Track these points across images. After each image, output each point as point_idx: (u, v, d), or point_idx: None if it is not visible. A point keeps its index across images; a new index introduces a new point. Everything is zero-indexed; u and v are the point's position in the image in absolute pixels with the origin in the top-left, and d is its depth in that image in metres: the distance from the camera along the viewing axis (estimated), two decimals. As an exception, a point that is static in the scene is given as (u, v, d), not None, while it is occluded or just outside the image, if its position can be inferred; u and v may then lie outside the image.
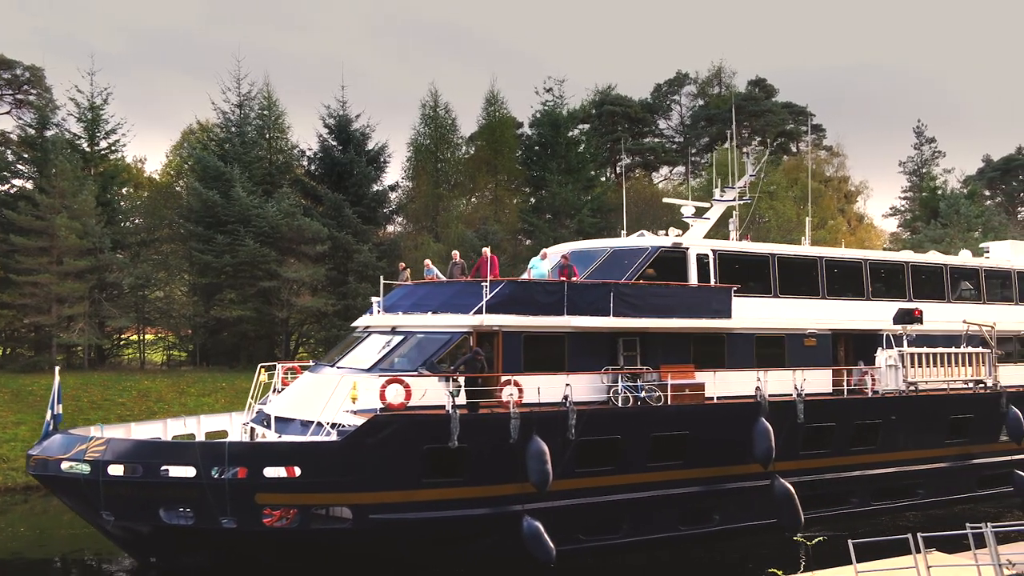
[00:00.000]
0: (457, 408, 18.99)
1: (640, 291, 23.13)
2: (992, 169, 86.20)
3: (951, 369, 27.06)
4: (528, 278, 23.44)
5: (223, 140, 48.63)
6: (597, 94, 73.44)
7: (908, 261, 29.89)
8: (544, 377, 21.07)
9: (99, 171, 47.05)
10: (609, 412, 21.55)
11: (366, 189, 49.75)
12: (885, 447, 25.98)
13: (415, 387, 19.48)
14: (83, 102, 46.43)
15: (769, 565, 21.89)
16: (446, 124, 57.56)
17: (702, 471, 22.78)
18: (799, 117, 76.96)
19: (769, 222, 57.34)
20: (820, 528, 23.85)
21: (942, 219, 62.78)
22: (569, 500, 20.88)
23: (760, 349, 25.31)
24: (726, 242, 27.13)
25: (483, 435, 19.65)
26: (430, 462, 19.28)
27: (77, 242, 40.71)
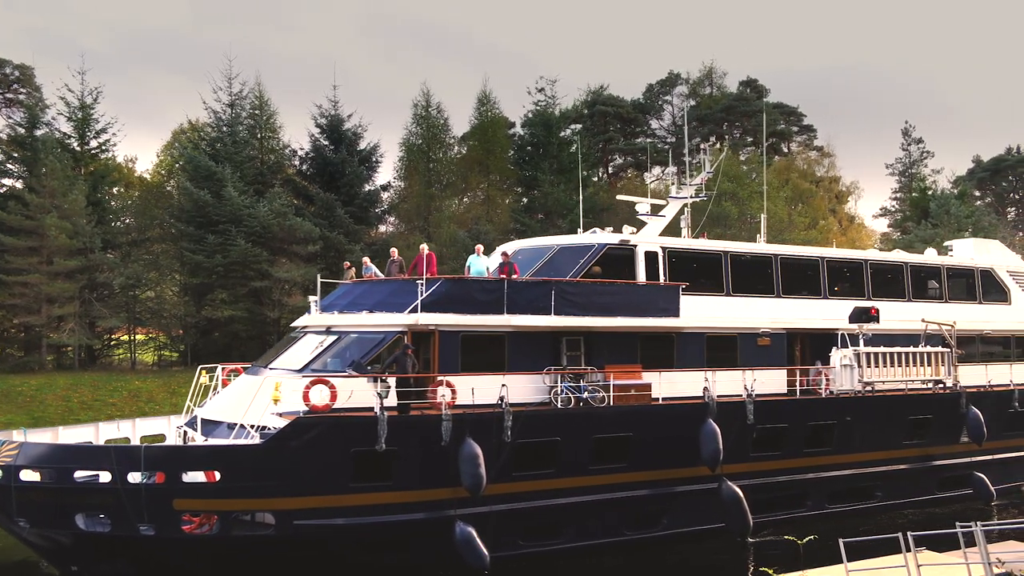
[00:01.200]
0: (386, 410, 18.34)
1: (583, 289, 22.50)
2: (982, 169, 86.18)
3: (909, 369, 26.37)
4: (468, 276, 22.78)
5: (214, 140, 48.33)
6: (589, 94, 73.38)
7: (867, 259, 29.26)
8: (479, 377, 20.30)
9: (89, 171, 46.83)
10: (547, 413, 20.95)
11: (358, 189, 49.49)
12: (840, 449, 25.32)
13: (341, 388, 18.70)
14: (73, 101, 46.33)
15: (713, 571, 21.87)
16: (438, 124, 57.34)
17: (648, 474, 22.14)
18: (790, 117, 77.23)
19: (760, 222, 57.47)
20: (772, 532, 23.32)
21: (932, 219, 62.74)
22: (506, 504, 20.17)
23: (711, 349, 24.66)
24: (676, 239, 26.43)
25: (413, 438, 19.01)
26: (357, 466, 18.58)
27: (67, 242, 40.53)
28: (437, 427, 18.89)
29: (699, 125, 75.25)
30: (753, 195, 58.74)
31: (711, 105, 74.19)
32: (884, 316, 27.45)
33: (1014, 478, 29.61)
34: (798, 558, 21.48)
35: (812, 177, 69.37)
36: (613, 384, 21.79)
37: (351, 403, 18.60)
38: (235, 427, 18.77)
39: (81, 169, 45.98)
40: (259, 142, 50.65)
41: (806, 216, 61.48)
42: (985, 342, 30.91)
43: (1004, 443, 28.92)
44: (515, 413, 19.82)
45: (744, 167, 63.65)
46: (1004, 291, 32.39)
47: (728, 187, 57.96)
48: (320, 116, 49.91)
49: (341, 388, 18.68)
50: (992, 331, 31.01)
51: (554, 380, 21.51)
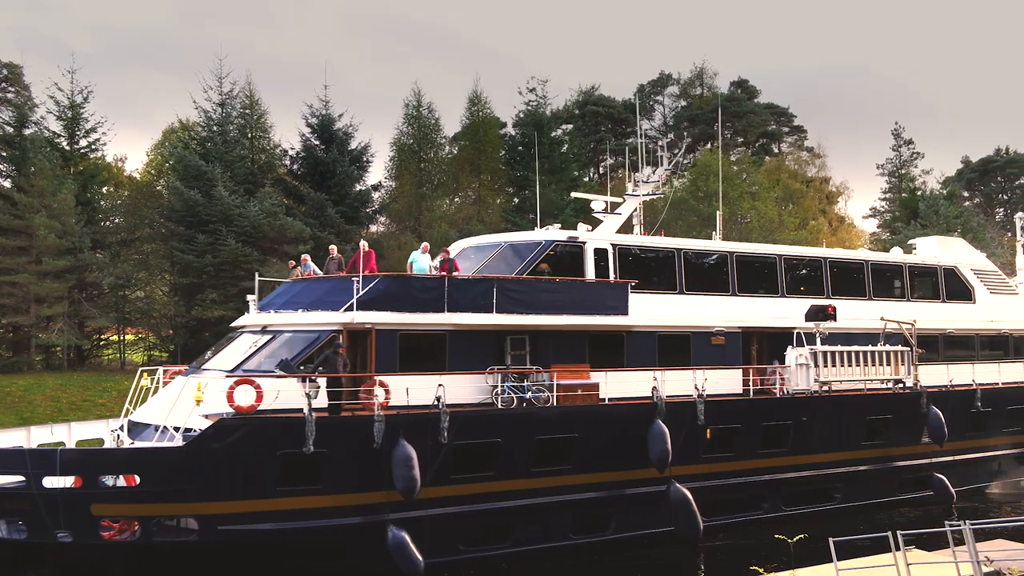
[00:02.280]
0: (314, 411, 17.72)
1: (527, 286, 21.85)
2: (971, 170, 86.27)
3: (868, 368, 25.71)
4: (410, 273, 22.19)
5: (205, 139, 48.14)
6: (580, 94, 73.58)
7: (826, 257, 28.60)
8: (415, 377, 19.62)
9: (79, 170, 46.69)
10: (486, 414, 20.28)
11: (349, 189, 49.31)
12: (797, 450, 24.70)
13: (267, 388, 17.96)
14: (63, 100, 46.15)
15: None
16: (429, 124, 57.30)
17: (594, 476, 21.48)
18: (781, 118, 77.53)
19: (751, 222, 57.74)
20: (724, 536, 22.84)
21: (922, 220, 62.96)
22: (443, 508, 19.50)
23: (663, 348, 24.01)
24: (628, 236, 25.77)
25: (344, 439, 18.34)
26: (284, 469, 17.82)
27: (56, 241, 40.35)
28: (369, 428, 18.17)
29: (690, 125, 75.55)
30: (743, 195, 59.00)
31: (702, 106, 74.48)
32: (844, 315, 26.87)
33: (976, 479, 29.09)
34: (748, 563, 21.14)
35: (802, 177, 69.62)
36: (559, 384, 21.22)
37: (280, 404, 17.93)
38: (160, 429, 18.15)
39: (70, 168, 45.82)
40: (249, 141, 50.33)
41: (796, 216, 61.68)
42: (948, 341, 30.29)
43: (966, 444, 28.40)
44: (452, 414, 19.12)
45: (735, 167, 63.90)
46: (968, 290, 31.83)
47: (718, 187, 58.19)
48: (311, 115, 49.70)
49: (267, 388, 17.95)
50: (955, 330, 30.44)
51: (498, 380, 20.92)
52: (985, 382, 29.10)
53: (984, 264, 33.31)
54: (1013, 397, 30.03)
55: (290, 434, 17.56)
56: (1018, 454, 30.42)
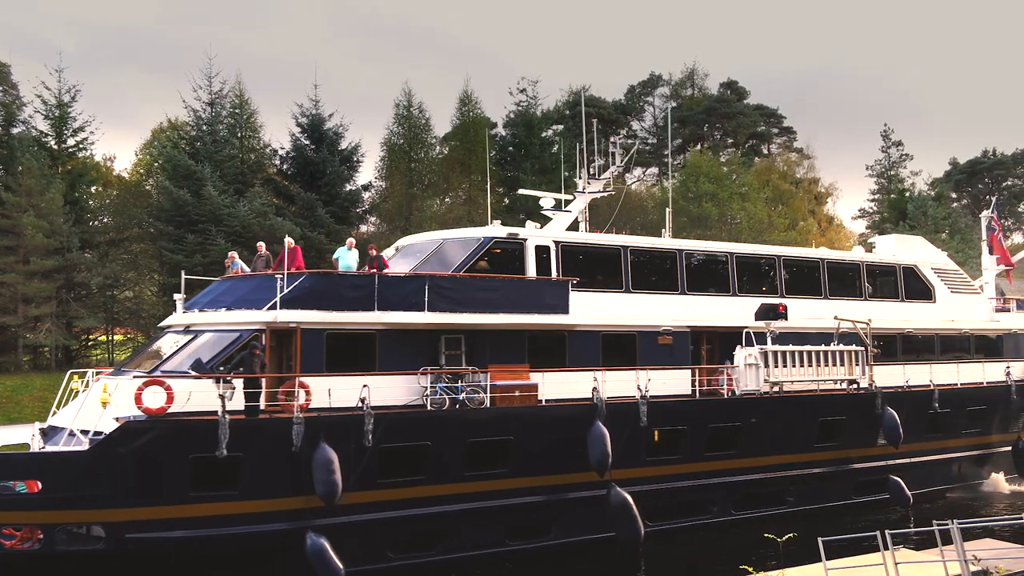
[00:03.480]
0: (228, 413, 16.99)
1: (461, 284, 21.07)
2: (959, 172, 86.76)
3: (820, 368, 24.99)
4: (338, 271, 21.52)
5: (194, 139, 47.81)
6: (571, 95, 73.67)
7: (780, 255, 27.90)
8: (338, 378, 18.81)
9: (67, 169, 46.38)
10: (415, 416, 19.53)
11: (339, 189, 49.04)
12: (746, 452, 23.96)
13: (179, 390, 17.10)
14: (50, 99, 45.85)
15: (693, 569, 21.04)
16: (420, 124, 57.16)
17: (531, 480, 20.75)
18: (770, 119, 77.77)
19: (741, 223, 57.92)
20: (669, 542, 22.18)
21: (910, 221, 63.19)
22: (368, 514, 18.72)
23: (607, 348, 23.28)
24: (572, 233, 25.03)
25: (260, 443, 17.52)
26: (196, 473, 17.03)
27: (44, 241, 40.10)
28: (287, 431, 17.43)
29: (680, 126, 75.70)
30: (733, 196, 59.18)
31: (692, 107, 74.66)
32: (798, 314, 26.29)
33: (933, 482, 28.32)
34: (691, 568, 20.96)
35: (792, 178, 69.82)
36: (497, 385, 20.53)
37: (194, 407, 17.20)
38: (68, 433, 17.44)
39: (58, 168, 45.50)
40: (239, 141, 50.03)
41: (786, 217, 61.88)
42: (907, 341, 29.63)
43: (922, 445, 27.74)
44: (377, 416, 18.43)
45: (724, 168, 64.09)
46: (928, 289, 31.23)
47: (709, 188, 58.40)
48: (301, 115, 49.33)
49: (178, 390, 17.13)
50: (914, 330, 29.80)
51: (432, 381, 20.22)
52: (943, 382, 28.43)
53: (945, 263, 32.76)
54: (973, 398, 29.35)
55: (202, 437, 16.80)
56: (980, 455, 29.92)
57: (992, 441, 30.23)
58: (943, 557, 15.71)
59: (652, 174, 78.20)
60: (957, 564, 15.22)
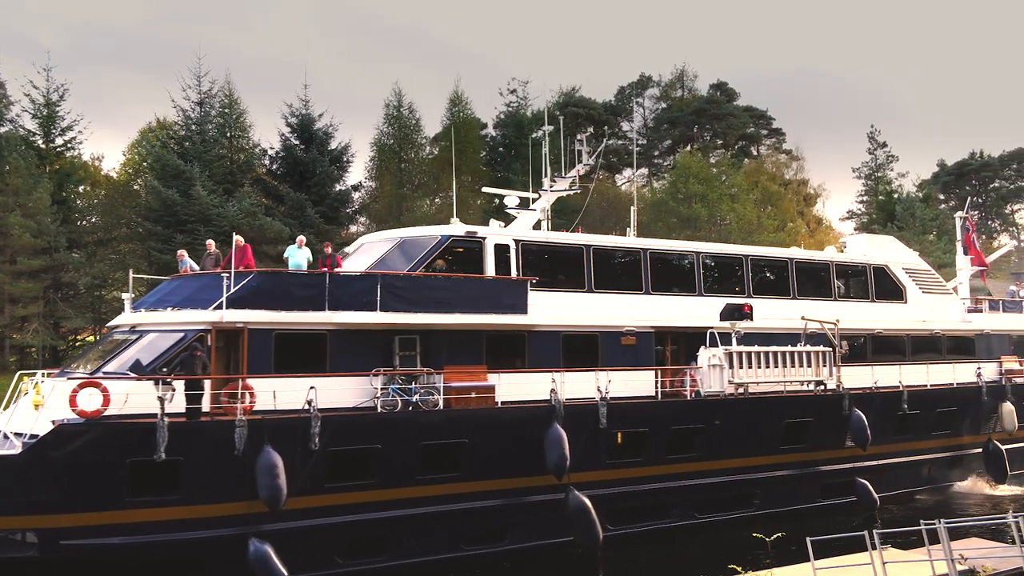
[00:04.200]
0: (168, 416, 16.44)
1: (415, 283, 20.46)
2: (946, 173, 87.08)
3: (786, 369, 24.42)
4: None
5: (183, 138, 47.59)
6: (561, 96, 73.69)
7: (747, 255, 27.34)
8: (285, 379, 18.26)
9: (54, 169, 46.16)
10: (364, 419, 18.97)
11: (329, 189, 48.82)
12: (709, 455, 23.40)
13: (116, 392, 16.47)
14: (38, 98, 45.61)
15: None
16: (410, 124, 57.03)
17: (486, 484, 20.14)
18: (759, 121, 78.00)
19: (730, 224, 58.06)
20: (630, 546, 21.73)
21: (898, 222, 63.50)
22: (315, 519, 18.12)
23: (568, 349, 22.75)
24: (533, 232, 24.47)
25: (201, 446, 16.96)
26: (134, 478, 16.41)
27: (31, 241, 39.87)
28: (229, 434, 16.81)
29: (670, 127, 75.85)
30: (723, 197, 59.31)
31: (682, 108, 74.83)
32: (766, 314, 25.76)
33: (901, 484, 27.82)
34: (650, 573, 20.56)
35: (781, 180, 70.08)
36: (452, 387, 20.00)
37: (134, 409, 16.66)
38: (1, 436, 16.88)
39: (46, 167, 45.27)
40: (228, 141, 49.79)
41: (775, 219, 62.09)
42: (876, 341, 29.11)
43: (890, 447, 27.21)
44: (324, 419, 17.81)
45: (714, 170, 64.23)
46: (899, 289, 30.75)
47: (698, 189, 58.52)
48: (291, 115, 49.07)
49: (116, 392, 16.67)
50: (884, 330, 29.27)
51: (385, 382, 19.65)
52: (913, 384, 27.90)
53: (916, 263, 32.33)
54: (943, 399, 28.85)
55: (140, 440, 16.28)
56: (950, 457, 29.50)
57: (963, 443, 29.79)
58: (930, 556, 15.74)
59: (642, 175, 78.35)
60: (944, 563, 15.29)
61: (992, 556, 16.73)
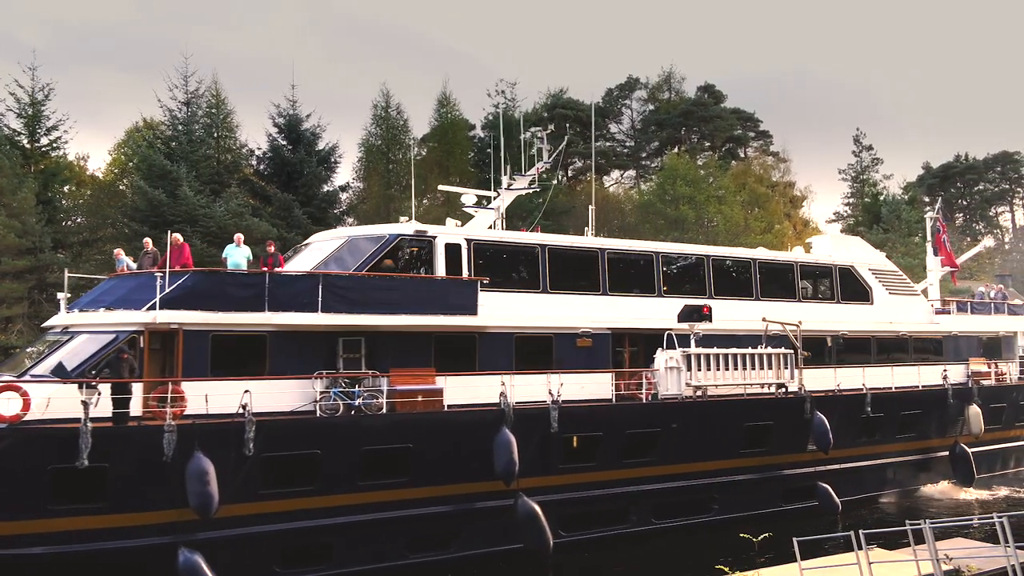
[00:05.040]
0: (93, 421, 15.83)
1: (358, 283, 19.90)
2: (931, 176, 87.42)
3: (747, 372, 23.93)
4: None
5: (170, 138, 47.10)
6: (549, 97, 73.84)
7: (708, 255, 26.82)
8: (217, 382, 17.58)
9: (39, 168, 45.76)
10: (301, 423, 18.36)
11: (316, 189, 48.34)
12: (666, 459, 22.81)
13: (38, 395, 15.95)
14: (23, 97, 45.24)
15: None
16: (398, 125, 56.88)
17: (432, 490, 19.54)
18: (747, 123, 78.30)
19: (717, 226, 58.25)
20: (584, 552, 21.19)
21: (884, 224, 63.92)
22: (250, 527, 17.48)
23: (521, 351, 22.21)
24: (486, 231, 23.90)
25: (128, 453, 16.36)
26: (57, 485, 15.84)
27: (16, 241, 39.48)
28: (158, 440, 16.20)
29: (658, 129, 76.05)
30: (710, 199, 59.51)
31: (670, 110, 75.06)
32: (728, 316, 25.29)
33: (865, 488, 27.31)
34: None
35: (768, 182, 70.39)
36: (399, 390, 19.44)
37: (58, 413, 16.11)
38: None
39: (31, 167, 44.80)
40: (215, 141, 49.33)
41: (762, 220, 62.39)
42: (841, 343, 28.68)
43: (853, 451, 26.74)
44: (259, 423, 17.15)
45: (702, 172, 64.44)
46: (865, 290, 30.37)
47: (685, 191, 58.69)
48: (278, 115, 48.63)
49: (36, 395, 16.06)
50: (849, 332, 28.89)
51: (327, 385, 19.10)
52: (877, 386, 27.43)
53: (883, 264, 31.92)
54: (908, 401, 28.35)
55: (62, 447, 15.66)
56: (916, 460, 29.04)
57: (929, 446, 29.34)
58: (915, 556, 15.84)
59: (630, 177, 78.52)
60: (929, 563, 15.40)
61: (977, 556, 16.87)
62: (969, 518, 19.62)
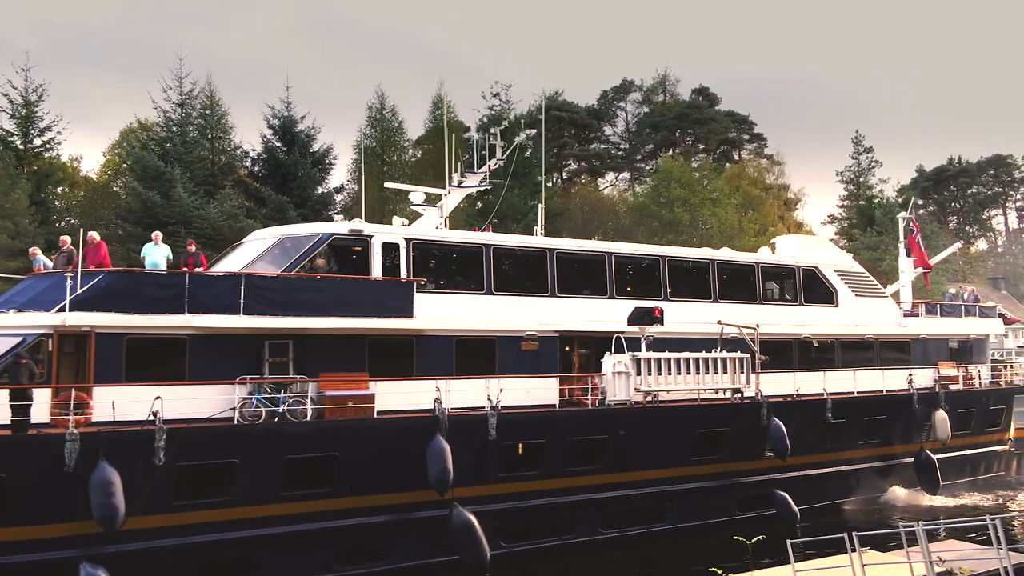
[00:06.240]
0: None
1: (284, 284, 18.94)
2: (925, 179, 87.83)
3: (700, 377, 23.00)
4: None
5: (164, 140, 46.71)
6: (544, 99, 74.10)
7: (664, 255, 25.79)
8: (126, 388, 16.74)
9: (33, 169, 45.63)
10: (219, 431, 17.45)
11: (311, 191, 47.97)
12: (614, 467, 21.92)
13: None
14: (16, 98, 45.11)
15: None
16: (392, 127, 56.74)
17: (362, 500, 18.66)
18: (741, 126, 78.48)
19: (712, 228, 58.39)
20: (527, 563, 20.40)
21: (877, 227, 64.17)
22: (161, 540, 16.57)
23: (461, 354, 21.26)
24: (427, 231, 22.93)
25: (25, 462, 15.50)
26: None
27: (9, 242, 39.27)
28: (59, 449, 15.30)
29: (652, 132, 76.21)
30: (704, 201, 59.65)
31: (664, 112, 75.25)
32: (684, 318, 24.42)
33: (826, 495, 26.28)
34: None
35: (762, 184, 70.59)
36: (328, 396, 18.60)
37: None
38: None
39: (24, 168, 44.67)
40: (210, 143, 48.90)
41: (756, 223, 62.55)
42: (804, 347, 27.64)
43: (813, 458, 25.76)
44: (171, 432, 16.28)
45: (696, 174, 64.59)
46: (830, 292, 29.40)
47: (680, 193, 58.83)
48: (272, 117, 48.25)
49: None
50: (812, 335, 27.88)
51: (251, 391, 18.20)
52: (839, 391, 26.52)
53: (850, 265, 30.94)
54: (871, 407, 27.39)
55: None
56: (880, 467, 28.10)
57: (894, 452, 28.43)
58: (908, 558, 15.83)
59: (625, 179, 78.62)
60: (923, 565, 15.45)
61: (970, 558, 16.91)
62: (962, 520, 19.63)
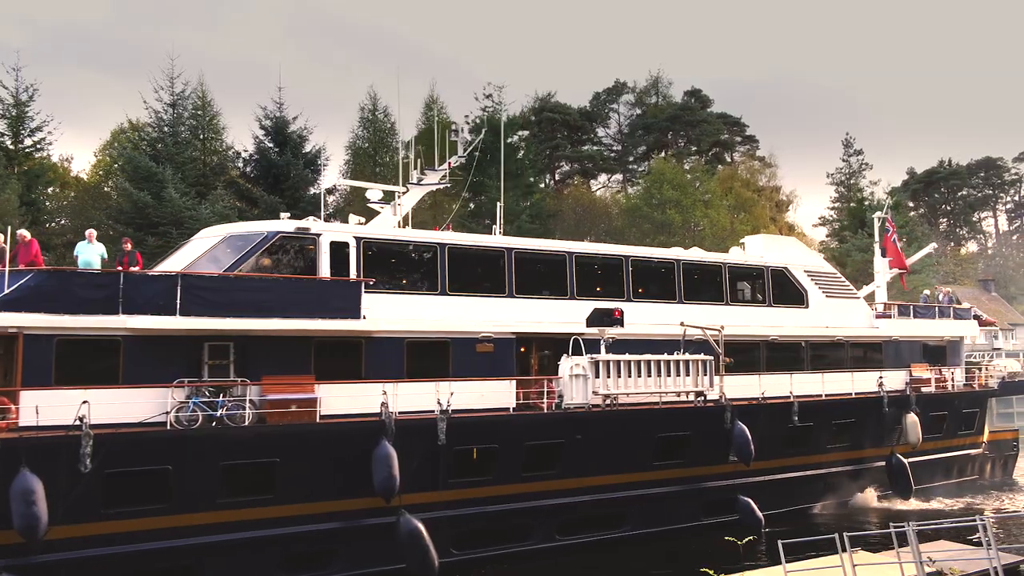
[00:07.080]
0: None
1: (223, 284, 18.30)
2: (916, 181, 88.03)
3: (661, 380, 22.40)
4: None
5: (155, 140, 46.42)
6: (536, 101, 74.05)
7: (627, 255, 25.10)
8: (52, 392, 16.23)
9: (23, 170, 45.44)
10: (150, 436, 16.78)
11: (303, 192, 47.56)
12: (571, 472, 21.28)
13: None
14: (7, 98, 44.94)
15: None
16: (385, 128, 56.71)
17: (304, 507, 18.01)
18: (733, 128, 78.72)
19: (704, 230, 58.55)
20: (479, 570, 19.83)
21: (868, 229, 64.84)
22: (88, 550, 15.85)
23: (413, 356, 20.58)
24: (379, 229, 22.36)
25: None
26: None
27: None
28: None
29: (645, 134, 76.39)
30: (696, 203, 59.81)
31: (657, 114, 75.44)
32: (647, 320, 23.84)
33: (792, 500, 25.61)
34: None
35: (754, 186, 70.74)
36: (270, 400, 17.98)
37: None
38: None
39: (14, 168, 44.46)
40: (201, 143, 48.67)
41: (748, 225, 62.70)
42: (771, 349, 26.94)
43: (778, 462, 25.10)
44: (98, 437, 15.61)
45: (688, 176, 64.76)
46: (800, 293, 28.69)
47: (672, 195, 58.96)
48: (264, 118, 47.92)
49: None
50: (780, 337, 27.15)
51: (188, 395, 17.61)
52: (807, 394, 25.88)
53: (820, 265, 30.28)
54: (840, 410, 26.67)
55: None
56: (851, 471, 27.45)
57: (864, 456, 27.75)
58: (899, 559, 15.92)
59: (617, 181, 78.75)
60: (913, 566, 15.51)
61: (960, 558, 16.99)
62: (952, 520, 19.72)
